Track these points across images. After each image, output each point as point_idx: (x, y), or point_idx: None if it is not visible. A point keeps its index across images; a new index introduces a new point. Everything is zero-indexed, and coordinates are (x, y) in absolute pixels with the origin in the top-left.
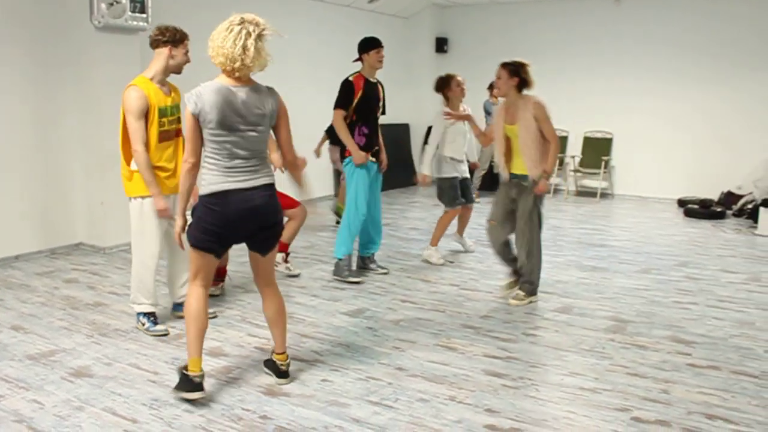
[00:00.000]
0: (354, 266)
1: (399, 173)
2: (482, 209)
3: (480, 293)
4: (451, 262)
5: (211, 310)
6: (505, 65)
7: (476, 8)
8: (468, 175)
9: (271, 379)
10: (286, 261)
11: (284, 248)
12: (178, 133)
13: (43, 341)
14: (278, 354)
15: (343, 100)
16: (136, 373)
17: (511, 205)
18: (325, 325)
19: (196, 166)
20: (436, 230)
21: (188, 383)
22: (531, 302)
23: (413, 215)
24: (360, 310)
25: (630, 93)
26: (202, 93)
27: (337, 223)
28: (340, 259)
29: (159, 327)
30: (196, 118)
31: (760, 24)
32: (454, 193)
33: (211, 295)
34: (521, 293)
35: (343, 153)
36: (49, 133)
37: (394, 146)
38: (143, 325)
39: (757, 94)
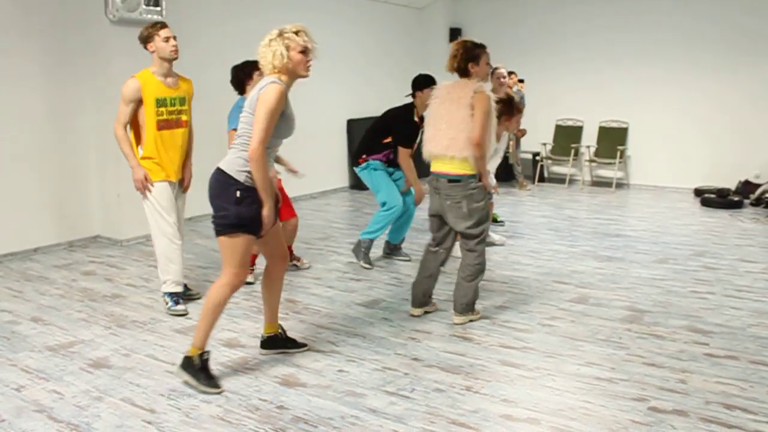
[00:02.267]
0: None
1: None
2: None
3: (495, 284)
4: None
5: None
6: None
7: None
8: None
9: (287, 370)
10: (292, 260)
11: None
12: (179, 123)
13: (62, 333)
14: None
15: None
16: (154, 363)
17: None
18: (340, 316)
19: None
20: None
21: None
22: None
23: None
24: (375, 300)
25: (645, 82)
26: None
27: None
28: (362, 240)
29: (179, 307)
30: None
31: None
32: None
33: (247, 283)
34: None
35: (358, 160)
36: (66, 127)
37: None
38: (166, 304)
39: None
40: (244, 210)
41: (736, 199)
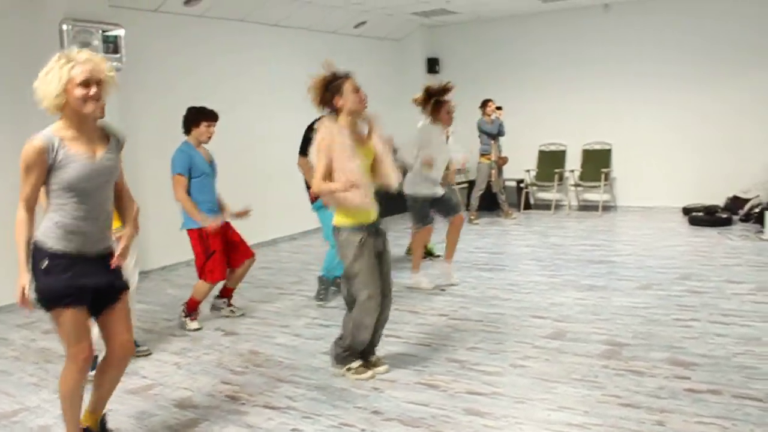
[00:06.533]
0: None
1: (389, 200)
2: (471, 231)
3: (470, 322)
4: (443, 290)
5: (145, 347)
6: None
7: (465, 27)
8: (442, 193)
9: (239, 431)
10: (229, 305)
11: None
12: None
13: (8, 400)
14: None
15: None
16: None
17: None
18: (303, 367)
19: None
20: (413, 255)
21: None
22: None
23: (405, 242)
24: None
25: (625, 101)
26: None
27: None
28: (324, 277)
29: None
30: None
31: (755, 21)
32: (425, 212)
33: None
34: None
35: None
36: None
37: None
38: None
39: (757, 94)
40: (52, 281)
41: (725, 216)
